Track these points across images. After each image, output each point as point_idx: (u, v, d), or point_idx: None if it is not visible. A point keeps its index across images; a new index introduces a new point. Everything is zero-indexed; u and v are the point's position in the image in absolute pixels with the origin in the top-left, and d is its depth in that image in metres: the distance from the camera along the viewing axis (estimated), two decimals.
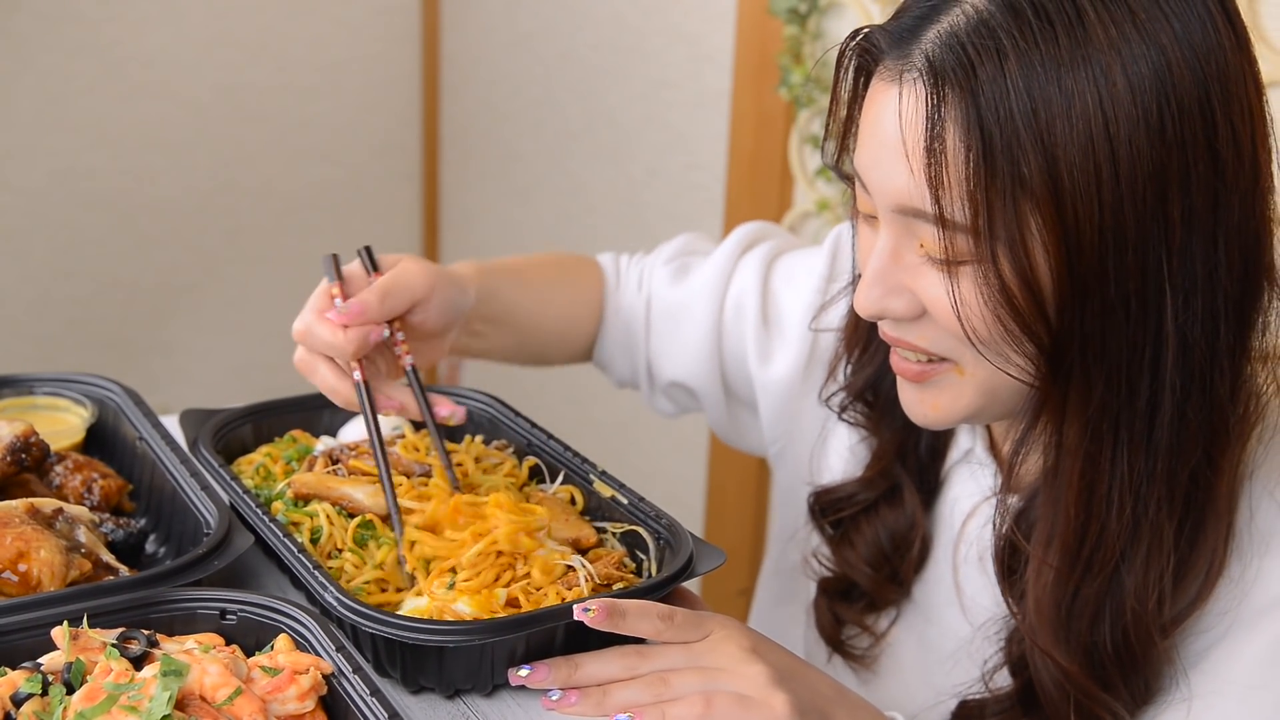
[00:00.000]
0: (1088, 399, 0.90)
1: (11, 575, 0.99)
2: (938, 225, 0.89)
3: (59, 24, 2.82)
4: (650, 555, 1.11)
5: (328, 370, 1.16)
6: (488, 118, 3.17)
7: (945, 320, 0.93)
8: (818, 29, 2.20)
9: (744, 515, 2.56)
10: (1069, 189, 0.85)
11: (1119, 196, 0.85)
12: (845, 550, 1.19)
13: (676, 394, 1.41)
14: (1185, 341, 0.88)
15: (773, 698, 0.93)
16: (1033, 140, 0.85)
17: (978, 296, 0.90)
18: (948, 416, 1.00)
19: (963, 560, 1.13)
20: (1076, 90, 0.84)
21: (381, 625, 0.96)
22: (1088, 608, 0.95)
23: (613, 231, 2.81)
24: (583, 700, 0.96)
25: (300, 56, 3.14)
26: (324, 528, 1.12)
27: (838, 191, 2.24)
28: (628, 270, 1.43)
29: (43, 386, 1.35)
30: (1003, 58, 0.85)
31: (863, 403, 1.17)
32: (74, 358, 2.95)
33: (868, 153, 0.94)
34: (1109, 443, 0.91)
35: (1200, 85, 0.86)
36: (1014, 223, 0.86)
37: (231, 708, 0.84)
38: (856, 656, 1.20)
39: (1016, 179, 0.85)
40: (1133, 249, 0.86)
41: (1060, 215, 0.85)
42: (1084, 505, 0.93)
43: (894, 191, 0.91)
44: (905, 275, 0.94)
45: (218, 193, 3.10)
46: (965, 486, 1.13)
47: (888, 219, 0.94)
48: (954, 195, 0.87)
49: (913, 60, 0.89)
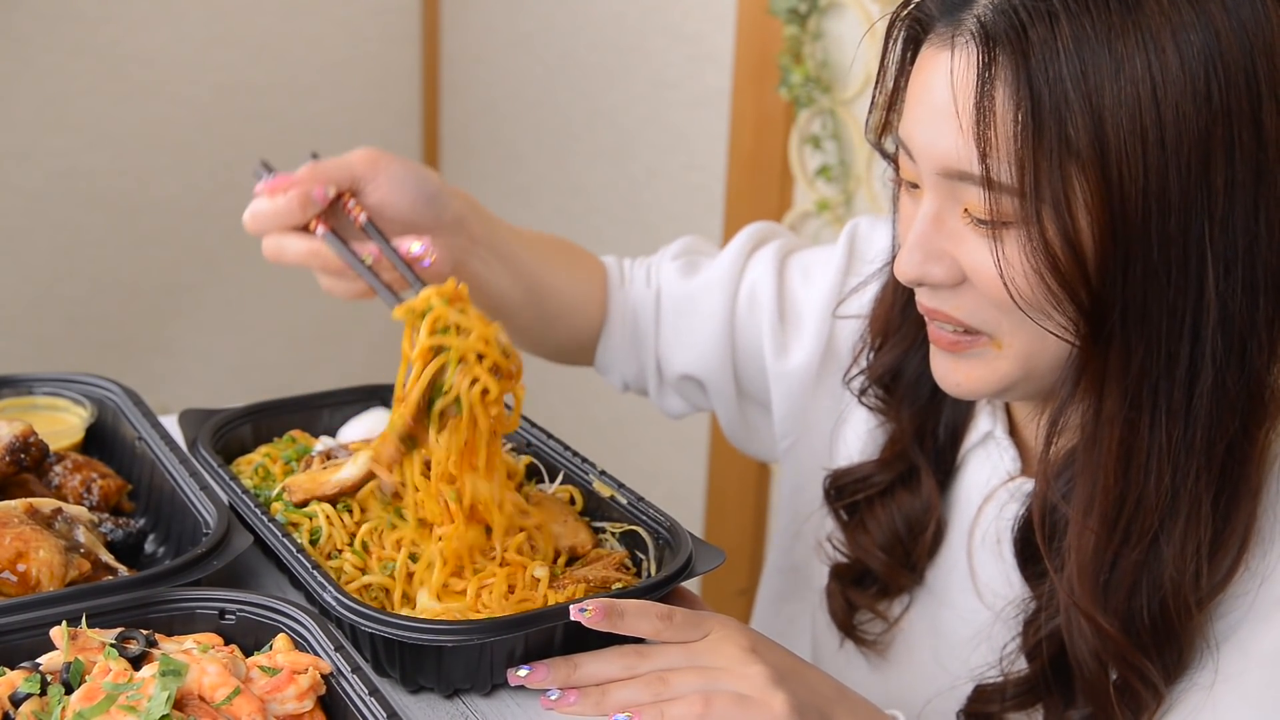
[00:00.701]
0: (1127, 365, 0.91)
1: (10, 575, 0.99)
2: (984, 186, 0.90)
3: (59, 24, 2.82)
4: (650, 555, 1.11)
5: (294, 239, 1.16)
6: (488, 118, 3.17)
7: (986, 286, 0.94)
8: (818, 29, 2.20)
9: (744, 515, 2.56)
10: (1115, 152, 0.86)
11: (1164, 162, 0.86)
12: (859, 535, 1.19)
13: (686, 389, 1.40)
14: (1225, 311, 0.89)
15: (771, 697, 0.93)
16: (1081, 102, 0.86)
17: (1022, 258, 0.91)
18: (980, 388, 1.01)
19: (979, 544, 1.13)
20: (1126, 55, 0.86)
21: (380, 625, 0.96)
22: (1127, 577, 0.95)
23: (613, 231, 2.81)
24: (582, 700, 0.96)
25: (300, 56, 3.14)
26: (323, 528, 1.12)
27: (838, 191, 2.24)
28: (632, 269, 1.42)
29: (42, 386, 1.34)
30: (1054, 21, 0.87)
31: (882, 387, 1.17)
32: (73, 358, 2.95)
33: (916, 117, 0.95)
34: (1148, 410, 0.92)
35: (1248, 57, 0.87)
36: (1060, 184, 0.88)
37: (230, 707, 0.84)
38: (869, 642, 1.21)
39: (1064, 140, 0.87)
40: (1176, 215, 0.87)
41: (1105, 178, 0.87)
42: (1123, 473, 0.94)
43: (941, 154, 0.93)
44: (947, 241, 0.96)
45: (218, 193, 3.10)
46: (983, 470, 1.14)
47: (932, 183, 0.95)
48: (1001, 156, 0.89)
49: (965, 24, 0.91)
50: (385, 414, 1.32)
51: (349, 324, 3.36)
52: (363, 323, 3.37)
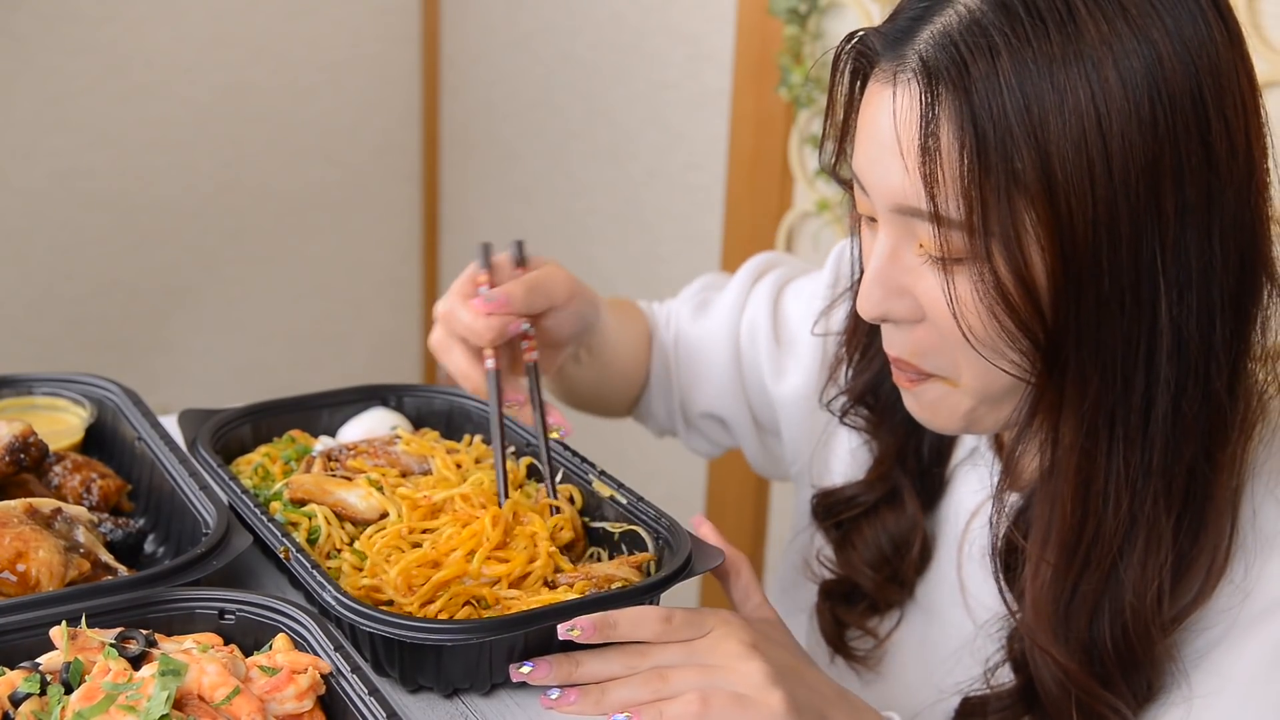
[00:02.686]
0: (1083, 394, 0.90)
1: (10, 575, 0.99)
2: (933, 223, 0.89)
3: (59, 24, 2.82)
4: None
5: (462, 354, 1.19)
6: (488, 118, 3.17)
7: (944, 323, 0.93)
8: (818, 29, 2.20)
9: (744, 515, 2.56)
10: (1062, 184, 0.85)
11: (1112, 190, 0.85)
12: (847, 552, 1.19)
13: (709, 427, 1.42)
14: (1180, 336, 0.88)
15: (769, 696, 0.93)
16: (1026, 136, 0.85)
17: (974, 294, 0.90)
18: (948, 424, 1.01)
19: (966, 558, 1.13)
20: (1069, 85, 0.85)
21: (379, 624, 0.96)
22: (1086, 604, 0.95)
23: (613, 231, 2.81)
24: (582, 699, 0.96)
25: (300, 56, 3.14)
26: (322, 528, 1.12)
27: (837, 191, 2.24)
28: (659, 314, 1.45)
29: (42, 386, 1.35)
30: (995, 55, 0.86)
31: (864, 406, 1.17)
32: (73, 358, 2.95)
33: (865, 154, 0.94)
34: (1105, 438, 0.91)
35: (1192, 79, 0.86)
36: (1009, 219, 0.87)
37: (230, 707, 0.84)
38: (859, 658, 1.20)
39: (1010, 175, 0.86)
40: (1126, 243, 0.86)
41: (1054, 210, 0.86)
42: (1080, 501, 0.93)
43: (891, 191, 0.92)
44: (905, 276, 0.95)
45: (218, 193, 3.10)
46: (970, 485, 1.14)
47: (887, 219, 0.94)
48: (949, 193, 0.88)
49: (907, 61, 0.90)
50: (385, 414, 1.32)
51: (349, 324, 3.36)
52: (363, 323, 3.37)
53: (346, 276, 3.33)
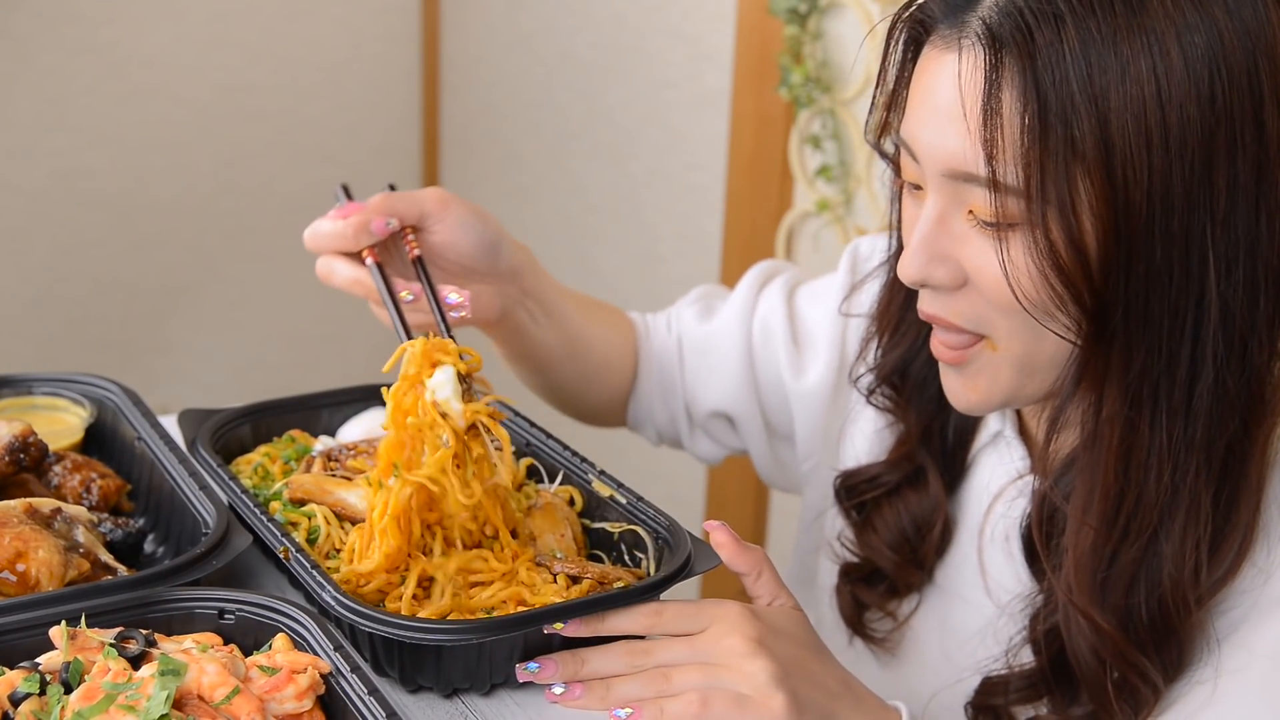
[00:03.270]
0: (1129, 364, 0.92)
1: (10, 575, 0.99)
2: (990, 188, 0.91)
3: (59, 24, 2.82)
4: (649, 555, 1.11)
5: (344, 264, 1.19)
6: (488, 118, 3.17)
7: (989, 288, 0.95)
8: (818, 29, 2.20)
9: (744, 515, 2.56)
10: (1120, 154, 0.87)
11: (1168, 163, 0.87)
12: (868, 534, 1.20)
13: (716, 428, 1.42)
14: (1226, 310, 0.90)
15: (771, 698, 0.93)
16: (1087, 105, 0.87)
17: (1027, 259, 0.92)
18: (987, 399, 1.02)
19: (988, 542, 1.13)
20: (1131, 58, 0.87)
21: (379, 624, 0.96)
22: (1125, 573, 0.96)
23: (613, 231, 2.81)
24: (586, 694, 0.96)
25: (300, 56, 3.14)
26: (321, 528, 1.12)
27: (838, 191, 2.24)
28: (654, 320, 1.45)
29: (41, 386, 1.34)
30: (1060, 24, 0.88)
31: (890, 386, 1.18)
32: (73, 358, 2.95)
33: (920, 118, 0.96)
34: (1148, 409, 0.93)
35: (1250, 59, 0.88)
36: (1065, 186, 0.89)
37: (229, 707, 0.84)
38: (878, 640, 1.21)
39: (1069, 143, 0.88)
40: (1179, 215, 0.88)
41: (1110, 180, 0.88)
42: (1122, 471, 0.94)
43: (946, 156, 0.93)
44: (950, 243, 0.96)
45: (217, 193, 3.10)
46: (993, 469, 1.14)
47: (936, 184, 0.96)
48: (1008, 158, 0.90)
49: (970, 27, 0.91)
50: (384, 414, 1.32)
51: (349, 324, 3.36)
52: (363, 323, 3.35)
53: None
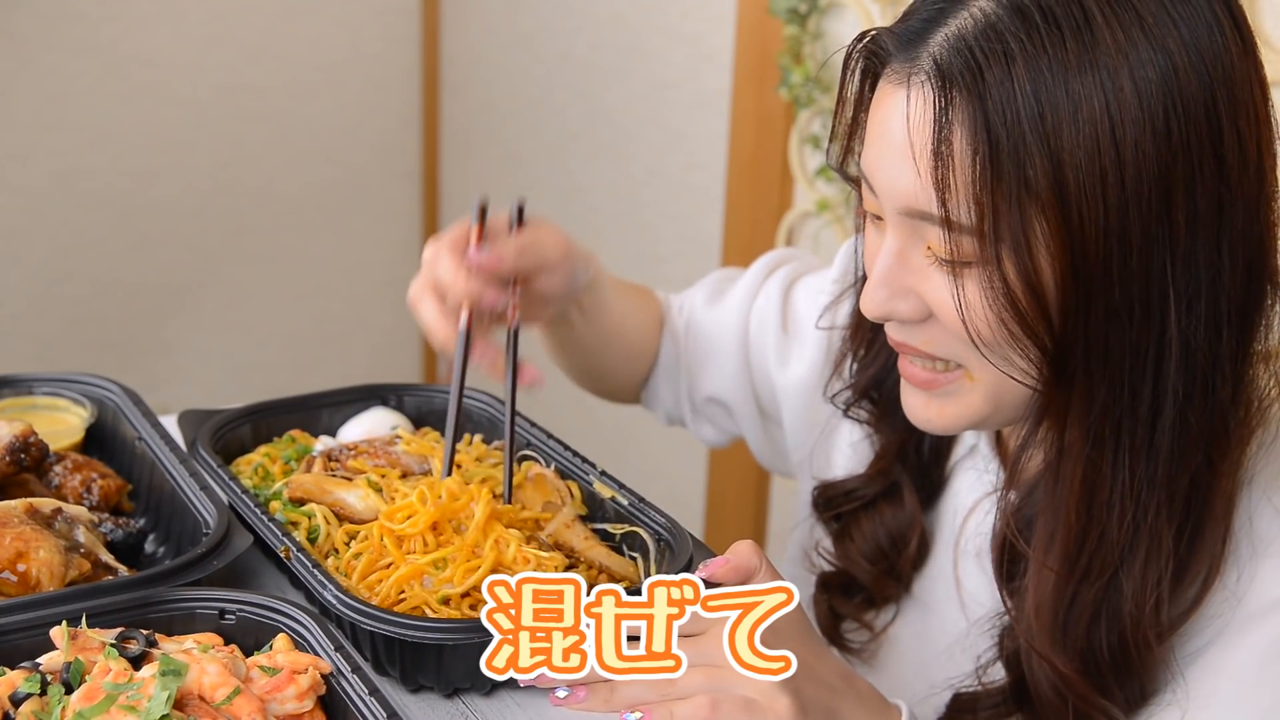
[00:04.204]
0: (1090, 404, 0.90)
1: (10, 575, 0.99)
2: (943, 228, 0.89)
3: (59, 24, 2.82)
4: (650, 556, 1.11)
5: (434, 307, 1.16)
6: (488, 118, 3.17)
7: (951, 323, 0.93)
8: (818, 29, 2.20)
9: (744, 515, 2.56)
10: (1074, 193, 0.85)
11: (1124, 200, 0.85)
12: (845, 545, 1.20)
13: (714, 413, 1.42)
14: (1188, 346, 0.88)
15: (776, 700, 0.93)
16: (1039, 144, 0.85)
17: (982, 299, 0.90)
18: (953, 424, 1.00)
19: (962, 555, 1.13)
20: (1083, 94, 0.85)
21: (380, 624, 0.96)
22: (1085, 611, 0.95)
23: (613, 231, 2.81)
24: (591, 696, 0.96)
25: (300, 56, 3.14)
26: (321, 527, 1.12)
27: (838, 191, 2.24)
28: (674, 301, 1.45)
29: (42, 386, 1.35)
30: (1010, 61, 0.85)
31: (868, 400, 1.17)
32: (73, 358, 2.95)
33: (875, 154, 0.94)
34: (1110, 448, 0.91)
35: (1206, 90, 0.86)
36: (1019, 226, 0.87)
37: (230, 707, 0.84)
38: (854, 650, 1.21)
39: (1022, 182, 0.86)
40: (1137, 253, 0.86)
41: (1065, 219, 0.86)
42: (1084, 510, 0.93)
43: (900, 194, 0.92)
44: (911, 277, 0.95)
45: (218, 193, 3.10)
46: (969, 483, 1.14)
47: (894, 221, 0.94)
48: (960, 198, 0.88)
49: (920, 63, 0.89)
50: (385, 414, 1.32)
51: (349, 324, 3.36)
52: (363, 323, 3.37)
53: (346, 276, 3.33)
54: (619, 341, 1.38)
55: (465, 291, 1.13)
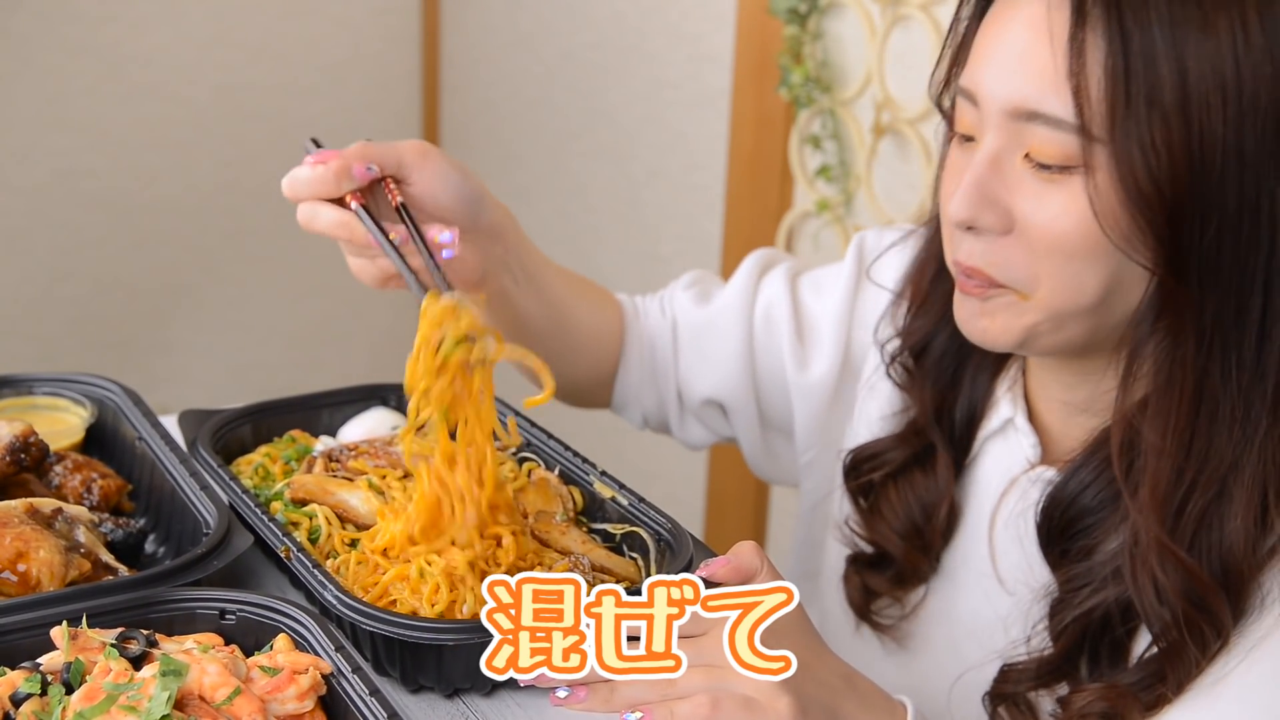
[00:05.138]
0: (1201, 311, 0.95)
1: (11, 575, 0.99)
2: (1075, 128, 0.93)
3: (59, 24, 2.82)
4: (650, 556, 1.11)
5: (328, 208, 1.17)
6: (488, 118, 3.17)
7: (1035, 235, 0.98)
8: (818, 29, 2.20)
9: (744, 515, 2.56)
10: (1197, 102, 0.91)
11: (1241, 115, 0.92)
12: (875, 519, 1.20)
13: (708, 415, 1.41)
14: None
15: (777, 700, 0.93)
16: (1168, 51, 0.91)
17: (1110, 195, 0.94)
18: (1003, 337, 1.03)
19: (1000, 531, 1.14)
20: (1213, 15, 0.92)
21: (380, 624, 0.96)
22: (1192, 523, 0.97)
23: (613, 231, 2.81)
24: (591, 697, 0.96)
25: (300, 56, 3.14)
26: (322, 527, 1.12)
27: (838, 191, 2.24)
28: (645, 303, 1.44)
29: (42, 386, 1.34)
30: None
31: (912, 356, 1.19)
32: (74, 358, 2.95)
33: (990, 60, 0.99)
34: (1219, 358, 0.96)
35: None
36: (1146, 128, 0.92)
37: (230, 707, 0.84)
38: (885, 627, 1.22)
39: (1150, 86, 0.91)
40: (1250, 170, 0.92)
41: (1187, 125, 0.92)
42: (1194, 417, 0.97)
43: (1015, 95, 0.96)
44: (1002, 186, 0.99)
45: (218, 193, 3.10)
46: (1002, 459, 1.15)
47: (998, 125, 0.98)
48: (1091, 98, 0.93)
49: None
50: (385, 414, 1.32)
51: (350, 324, 3.36)
52: (364, 323, 3.37)
53: (346, 276, 3.30)
54: (568, 329, 1.36)
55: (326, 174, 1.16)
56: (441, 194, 1.19)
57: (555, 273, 1.35)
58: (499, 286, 1.26)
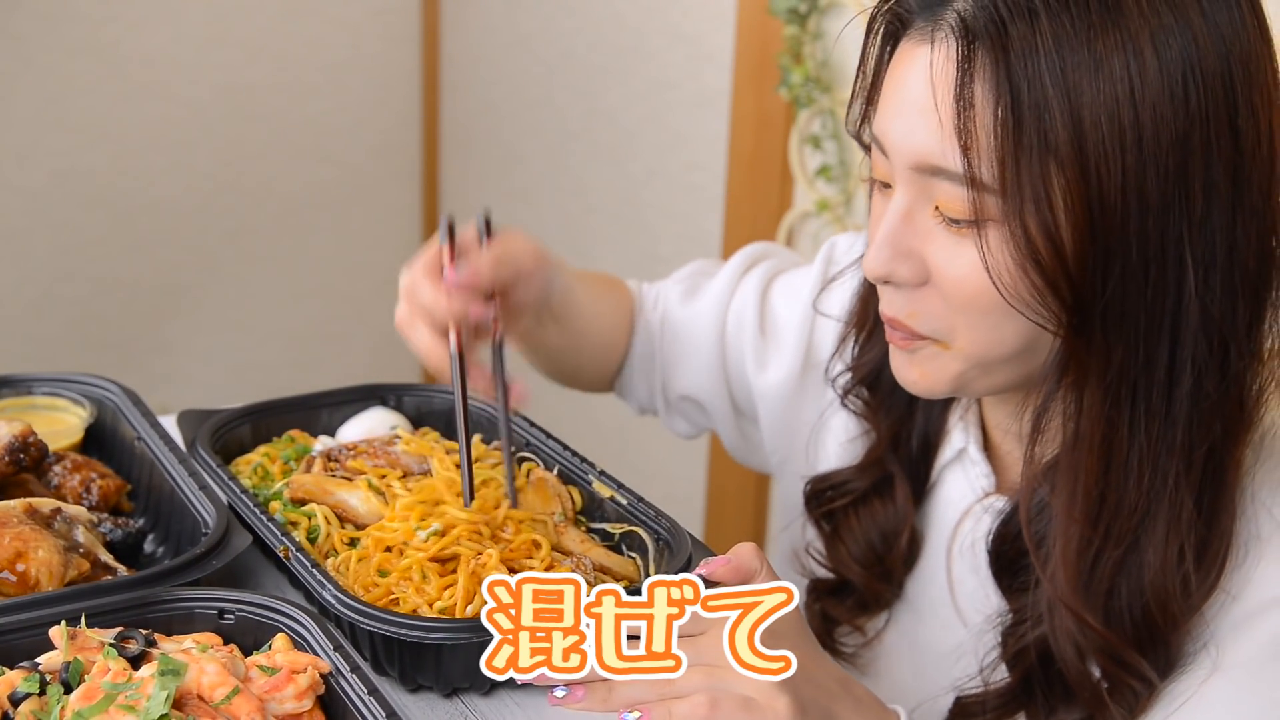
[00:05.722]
0: (1107, 363, 0.92)
1: (10, 575, 0.99)
2: (966, 185, 0.90)
3: (59, 24, 2.82)
4: (650, 556, 1.11)
5: (426, 331, 1.16)
6: (488, 118, 3.17)
7: (948, 287, 0.95)
8: (818, 29, 2.20)
9: (744, 515, 2.56)
10: (1094, 150, 0.87)
11: (1142, 161, 0.87)
12: (837, 547, 1.20)
13: (688, 410, 1.42)
14: (1205, 314, 0.90)
15: (776, 700, 0.93)
16: (1060, 99, 0.87)
17: (1003, 252, 0.91)
18: (934, 386, 1.01)
19: (956, 559, 1.13)
20: (1105, 55, 0.87)
21: (379, 623, 0.96)
22: (1107, 576, 0.96)
23: (613, 231, 2.81)
24: (589, 696, 0.96)
25: (300, 56, 3.14)
26: (321, 527, 1.12)
27: (838, 191, 2.24)
28: (647, 293, 1.44)
29: (41, 386, 1.34)
30: (1034, 18, 0.87)
31: (866, 388, 1.18)
32: (73, 358, 2.95)
33: (891, 111, 0.96)
34: (1127, 409, 0.92)
35: (1224, 64, 0.88)
36: (1040, 181, 0.88)
37: (229, 707, 0.84)
38: (847, 655, 1.21)
39: (1042, 136, 0.88)
40: (1154, 216, 0.88)
41: (1084, 176, 0.88)
42: (1103, 472, 0.94)
43: (914, 149, 0.93)
44: (916, 239, 0.96)
45: (218, 193, 3.10)
46: (958, 487, 1.14)
47: (905, 179, 0.96)
48: (981, 150, 0.89)
49: (945, 20, 0.91)
50: (385, 414, 1.32)
51: (349, 324, 3.36)
52: (363, 323, 3.37)
53: (346, 276, 3.33)
54: (591, 339, 1.37)
55: (450, 312, 1.13)
56: (534, 299, 1.22)
57: (586, 296, 1.34)
58: (537, 324, 1.28)
